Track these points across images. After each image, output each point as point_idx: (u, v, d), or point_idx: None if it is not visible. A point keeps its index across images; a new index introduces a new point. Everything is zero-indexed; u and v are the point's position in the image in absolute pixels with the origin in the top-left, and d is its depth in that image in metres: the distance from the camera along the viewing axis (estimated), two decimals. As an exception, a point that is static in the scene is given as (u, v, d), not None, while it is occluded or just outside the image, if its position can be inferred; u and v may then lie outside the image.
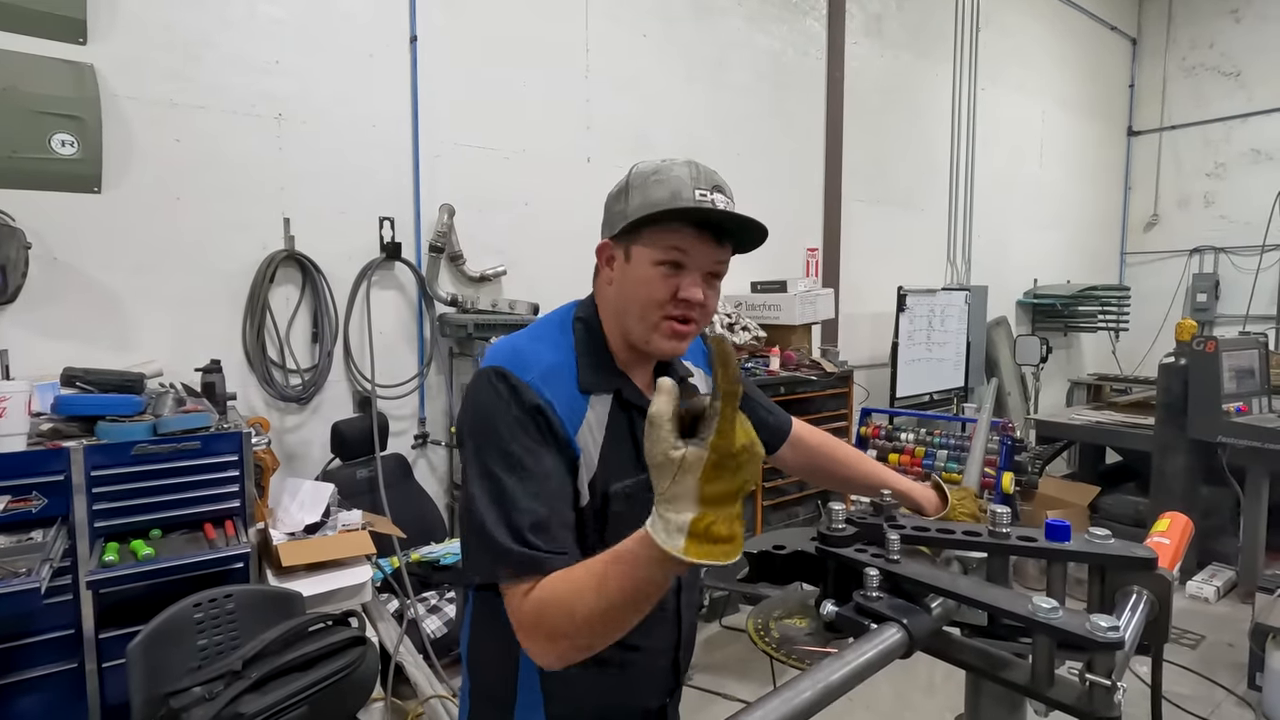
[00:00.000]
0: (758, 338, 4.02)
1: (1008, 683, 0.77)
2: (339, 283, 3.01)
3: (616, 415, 1.04)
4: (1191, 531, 1.05)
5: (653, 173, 1.01)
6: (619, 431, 1.04)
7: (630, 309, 1.03)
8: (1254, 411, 3.86)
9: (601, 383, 1.04)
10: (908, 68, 5.35)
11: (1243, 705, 2.92)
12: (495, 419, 0.95)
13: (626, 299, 1.03)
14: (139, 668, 1.72)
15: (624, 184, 1.05)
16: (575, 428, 0.99)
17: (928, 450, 4.35)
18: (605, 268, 1.08)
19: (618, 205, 1.04)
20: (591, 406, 1.02)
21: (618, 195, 1.05)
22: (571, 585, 0.83)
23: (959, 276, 5.87)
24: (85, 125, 2.34)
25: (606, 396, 1.04)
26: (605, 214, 1.08)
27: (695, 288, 1.00)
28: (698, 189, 0.98)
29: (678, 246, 0.99)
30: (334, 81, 2.95)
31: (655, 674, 1.15)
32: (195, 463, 2.13)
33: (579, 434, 0.99)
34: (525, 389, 0.96)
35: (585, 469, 1.00)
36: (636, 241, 1.01)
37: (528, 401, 0.95)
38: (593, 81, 3.70)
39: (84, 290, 2.48)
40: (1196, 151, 7.19)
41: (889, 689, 2.92)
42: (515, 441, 0.94)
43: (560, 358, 1.03)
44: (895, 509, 0.98)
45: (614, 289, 1.06)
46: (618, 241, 1.04)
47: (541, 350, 1.03)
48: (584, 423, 1.00)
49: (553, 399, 0.97)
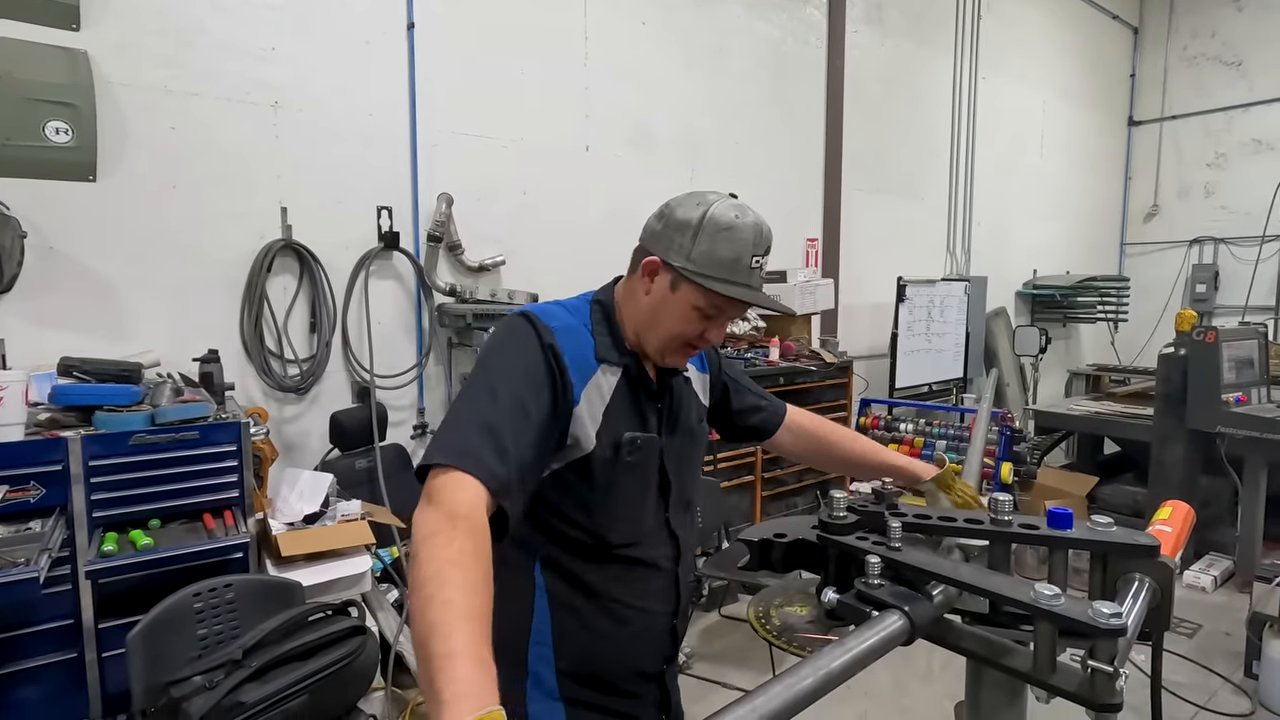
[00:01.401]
0: (757, 328, 4.01)
1: (1010, 670, 0.77)
2: (337, 272, 2.99)
3: (623, 388, 1.13)
4: (1193, 520, 1.05)
5: (727, 227, 1.07)
6: (625, 400, 1.13)
7: (657, 330, 1.12)
8: (1253, 401, 3.86)
9: (613, 357, 1.13)
10: (908, 56, 5.31)
11: (1239, 693, 2.93)
12: (512, 346, 1.05)
13: (657, 321, 1.12)
14: (139, 657, 1.72)
15: (698, 221, 1.07)
16: (583, 382, 1.07)
17: (926, 440, 4.36)
18: (646, 278, 1.12)
19: (681, 238, 1.08)
20: (602, 372, 1.11)
21: (684, 227, 1.08)
22: (449, 557, 0.78)
23: (958, 267, 5.86)
24: (79, 112, 2.32)
25: (616, 369, 1.13)
26: (664, 230, 1.10)
27: (719, 335, 1.14)
28: (755, 256, 1.08)
29: (720, 306, 1.10)
30: (330, 69, 2.93)
31: (654, 636, 1.19)
32: (194, 453, 2.12)
33: (585, 389, 1.07)
34: (546, 330, 1.06)
35: (590, 421, 1.07)
36: (686, 281, 1.08)
37: (545, 339, 1.05)
38: (591, 69, 3.67)
39: (80, 279, 2.47)
40: (1197, 141, 7.16)
41: (887, 676, 2.93)
42: (521, 374, 1.01)
43: (577, 325, 1.13)
44: (896, 496, 0.98)
45: (648, 302, 1.12)
46: (668, 268, 1.09)
47: (561, 314, 1.13)
48: (591, 382, 1.09)
49: (567, 350, 1.06)
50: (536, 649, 1.12)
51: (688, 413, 1.24)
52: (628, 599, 1.15)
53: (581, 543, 1.12)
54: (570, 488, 1.10)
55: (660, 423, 1.18)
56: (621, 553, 1.14)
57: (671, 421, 1.20)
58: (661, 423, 1.18)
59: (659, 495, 1.19)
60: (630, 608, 1.15)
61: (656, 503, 1.18)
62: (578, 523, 1.11)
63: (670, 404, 1.20)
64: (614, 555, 1.14)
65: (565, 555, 1.13)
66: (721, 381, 1.38)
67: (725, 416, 1.40)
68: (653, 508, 1.18)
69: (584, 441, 1.07)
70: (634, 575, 1.16)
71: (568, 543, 1.12)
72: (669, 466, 1.18)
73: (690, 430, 1.25)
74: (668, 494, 1.19)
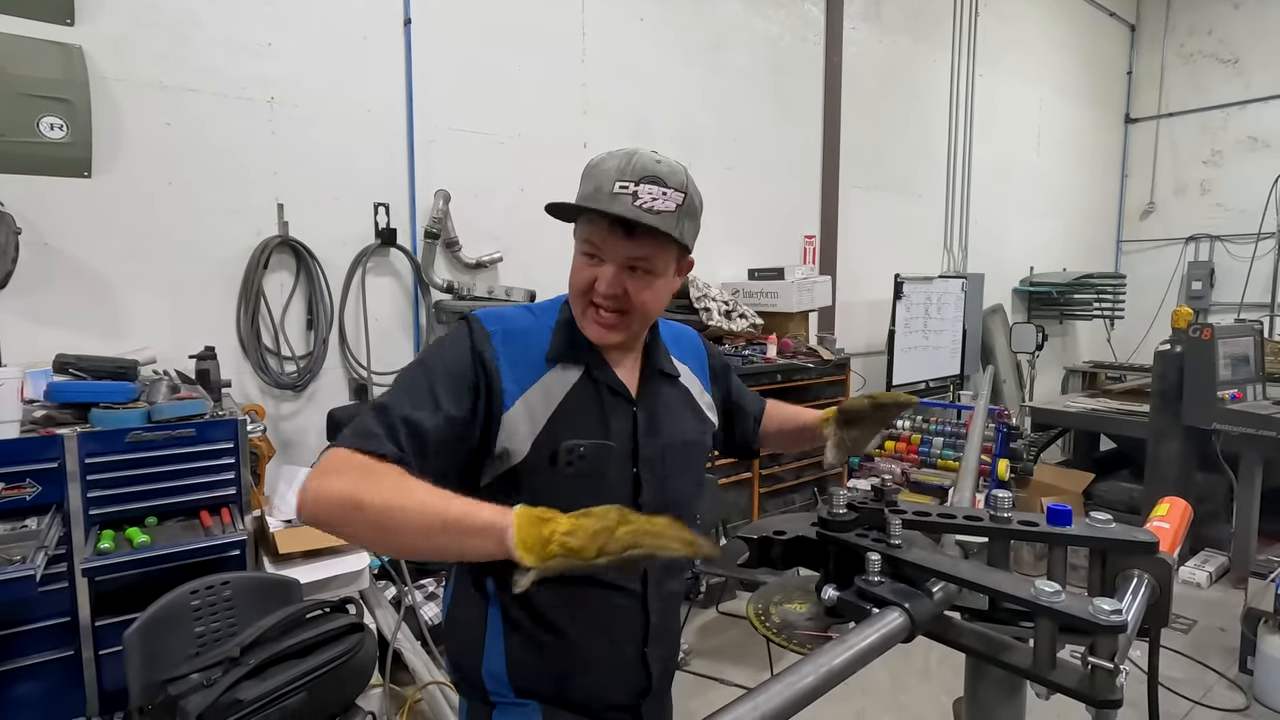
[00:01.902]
0: (754, 325, 4.01)
1: (1010, 666, 0.77)
2: (334, 269, 2.98)
3: (584, 386, 1.08)
4: (1190, 516, 1.05)
5: (595, 164, 1.05)
6: (583, 401, 1.07)
7: (570, 295, 1.09)
8: (1248, 398, 3.88)
9: (569, 356, 1.08)
10: (906, 53, 5.31)
11: (1234, 688, 2.95)
12: (443, 347, 1.05)
13: (569, 285, 1.08)
14: (136, 654, 1.72)
15: (581, 175, 1.08)
16: (522, 387, 1.04)
17: (924, 437, 4.38)
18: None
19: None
20: (553, 373, 1.06)
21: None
22: (391, 480, 0.85)
23: (955, 264, 5.86)
24: (74, 108, 2.30)
25: (575, 369, 1.08)
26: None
27: (607, 281, 1.03)
28: (619, 182, 1.00)
29: (592, 240, 1.04)
30: (327, 65, 2.91)
31: (620, 668, 1.11)
32: (190, 450, 2.12)
33: (526, 394, 1.03)
34: (482, 337, 1.04)
35: (527, 427, 1.03)
36: (575, 234, 1.07)
37: (477, 345, 1.03)
38: (589, 65, 3.66)
39: (76, 276, 2.46)
40: (1193, 139, 7.17)
41: (885, 674, 2.93)
42: (441, 371, 1.00)
43: (534, 326, 1.10)
44: (896, 493, 0.98)
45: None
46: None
47: (520, 316, 1.11)
48: (536, 385, 1.05)
49: (505, 354, 1.04)
50: (491, 671, 1.07)
51: (678, 420, 1.16)
52: (582, 627, 1.06)
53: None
54: (507, 499, 0.98)
55: (635, 428, 1.09)
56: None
57: (652, 427, 1.11)
58: (636, 427, 1.10)
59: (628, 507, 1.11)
60: (588, 637, 1.07)
61: None
62: None
63: (652, 409, 1.12)
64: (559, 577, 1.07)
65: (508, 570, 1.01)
66: (728, 409, 1.34)
67: (728, 440, 1.37)
68: None
69: (514, 452, 1.01)
70: (586, 598, 1.06)
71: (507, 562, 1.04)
72: (645, 475, 1.09)
73: (680, 439, 1.16)
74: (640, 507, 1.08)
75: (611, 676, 1.11)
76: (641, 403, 1.12)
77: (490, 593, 1.09)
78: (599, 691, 1.11)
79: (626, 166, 1.01)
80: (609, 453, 1.06)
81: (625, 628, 1.11)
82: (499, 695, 1.09)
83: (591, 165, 1.05)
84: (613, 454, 1.07)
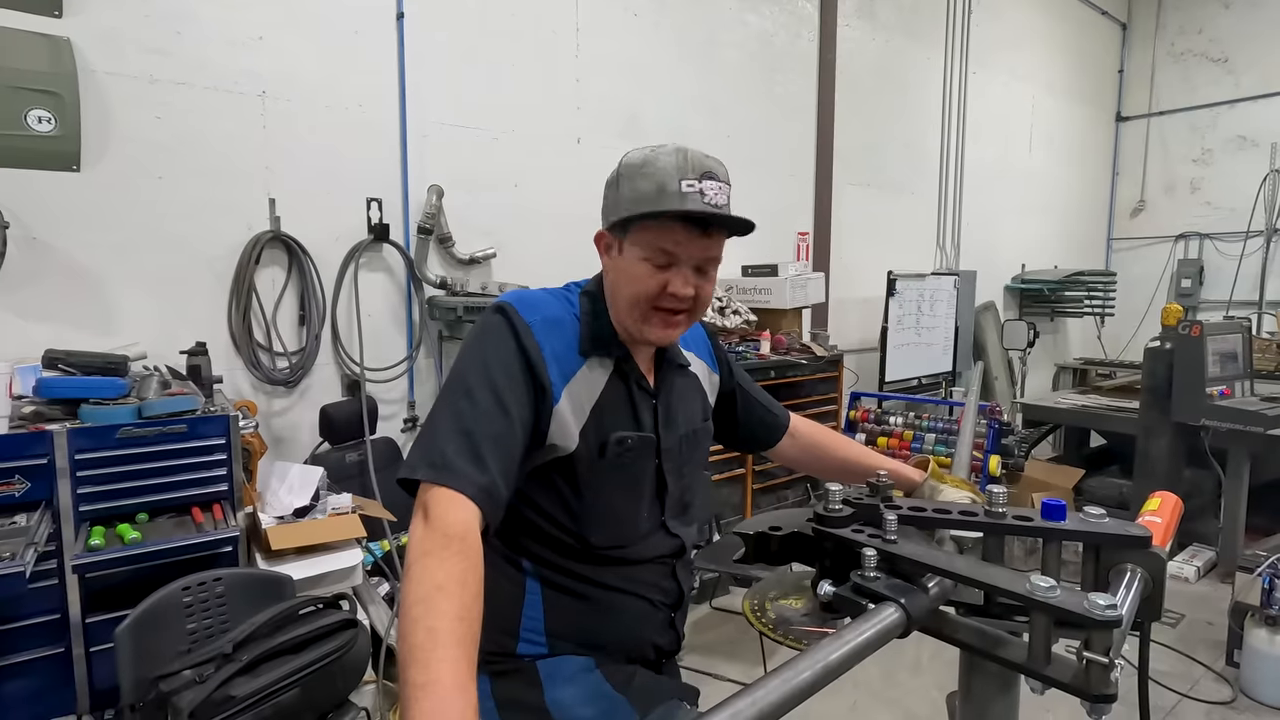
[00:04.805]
0: (748, 321, 4.02)
1: (1005, 661, 0.78)
2: (326, 265, 2.96)
3: (615, 383, 1.08)
4: (1181, 510, 1.06)
5: (641, 164, 1.02)
6: (617, 394, 1.08)
7: (621, 302, 1.06)
8: (1236, 395, 3.92)
9: (600, 350, 1.08)
10: (899, 51, 5.31)
11: (1220, 681, 2.98)
12: (488, 345, 1.01)
13: (618, 291, 1.06)
14: (127, 651, 1.71)
15: (615, 174, 1.06)
16: (565, 378, 1.03)
17: (916, 434, 4.39)
18: (604, 256, 1.11)
19: (610, 198, 1.06)
20: (588, 367, 1.06)
21: (611, 184, 1.07)
22: (436, 584, 0.78)
23: (948, 261, 5.89)
24: (63, 101, 2.28)
25: (607, 362, 1.08)
26: (603, 201, 1.09)
27: (684, 284, 1.02)
28: (684, 180, 0.98)
29: (664, 247, 1.01)
30: (319, 59, 2.89)
31: (651, 623, 1.16)
32: (182, 446, 2.10)
33: (569, 385, 1.03)
34: (524, 329, 1.01)
35: (574, 420, 1.03)
36: (627, 237, 1.04)
37: (521, 339, 1.01)
38: (583, 61, 3.65)
39: (65, 271, 2.43)
40: (1184, 137, 7.22)
41: (877, 669, 2.95)
42: (499, 372, 0.98)
43: (564, 314, 1.08)
44: (890, 489, 0.98)
45: (610, 278, 1.09)
46: (612, 233, 1.06)
47: (548, 301, 1.09)
48: (577, 377, 1.04)
49: (547, 345, 1.02)
50: (529, 623, 1.09)
51: (689, 409, 1.19)
52: (620, 586, 1.11)
53: (562, 541, 1.07)
54: (550, 485, 1.05)
55: (656, 420, 1.12)
56: (607, 554, 1.09)
57: (669, 419, 1.14)
58: (657, 420, 1.12)
59: (654, 498, 1.13)
60: (625, 594, 1.11)
61: (651, 505, 1.13)
62: (558, 522, 1.06)
63: (668, 400, 1.15)
64: (598, 555, 1.09)
65: (546, 550, 1.08)
66: (731, 389, 1.33)
67: (730, 425, 1.36)
68: (647, 511, 1.12)
69: (565, 443, 1.02)
70: (625, 570, 1.12)
71: (548, 539, 1.07)
72: (666, 467, 1.13)
73: (691, 428, 1.19)
74: (664, 496, 1.14)
75: (645, 629, 1.15)
76: (659, 394, 1.14)
77: (527, 569, 1.10)
78: (630, 644, 1.14)
79: (685, 164, 1.00)
80: (648, 444, 1.10)
81: (659, 590, 1.15)
82: (533, 645, 1.09)
83: (635, 165, 1.03)
84: (650, 446, 1.10)
